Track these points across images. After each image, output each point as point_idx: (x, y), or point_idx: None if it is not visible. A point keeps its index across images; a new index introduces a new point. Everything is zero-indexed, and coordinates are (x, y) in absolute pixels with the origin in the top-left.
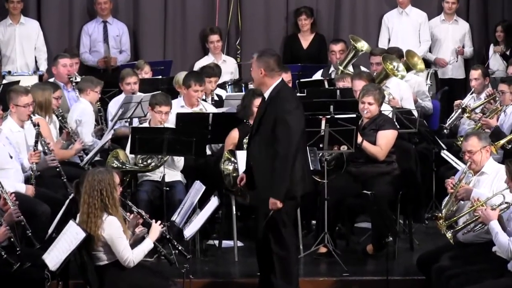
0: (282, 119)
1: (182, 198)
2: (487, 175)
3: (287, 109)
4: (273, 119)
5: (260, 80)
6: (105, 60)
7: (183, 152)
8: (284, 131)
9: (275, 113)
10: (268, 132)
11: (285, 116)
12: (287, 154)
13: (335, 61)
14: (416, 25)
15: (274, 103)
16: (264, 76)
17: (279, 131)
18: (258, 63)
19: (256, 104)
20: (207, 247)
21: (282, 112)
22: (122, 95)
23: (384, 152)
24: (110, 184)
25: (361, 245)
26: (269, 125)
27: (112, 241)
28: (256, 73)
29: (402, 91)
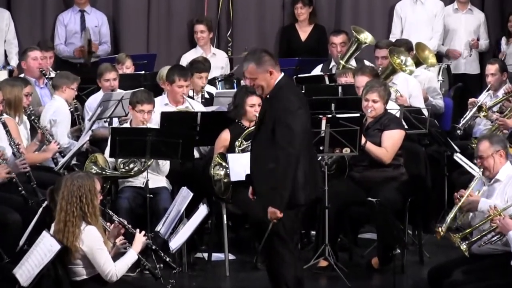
0: (282, 120)
1: (167, 206)
2: (500, 182)
3: (287, 109)
4: (273, 119)
5: (270, 84)
6: (82, 49)
7: (169, 155)
8: (284, 133)
9: (275, 112)
10: (268, 134)
11: (285, 116)
12: (288, 158)
13: (336, 55)
14: (431, 16)
15: (275, 101)
16: (274, 76)
17: (278, 133)
18: (263, 66)
19: (249, 103)
20: (195, 260)
21: (282, 112)
22: (100, 92)
23: (390, 155)
24: (91, 191)
25: (366, 258)
26: (270, 126)
27: (92, 254)
28: (265, 78)
29: (410, 88)
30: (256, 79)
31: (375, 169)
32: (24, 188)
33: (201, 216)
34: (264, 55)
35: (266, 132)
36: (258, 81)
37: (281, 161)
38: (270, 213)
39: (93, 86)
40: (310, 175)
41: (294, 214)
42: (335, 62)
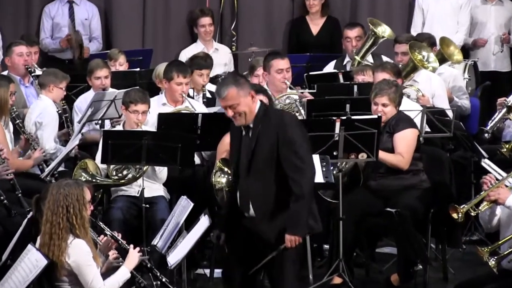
0: (288, 137)
1: (165, 218)
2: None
3: (289, 124)
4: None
5: (252, 110)
6: (68, 38)
7: (166, 161)
8: (295, 150)
9: (275, 131)
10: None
11: (290, 133)
12: (310, 180)
13: (351, 50)
14: (456, 7)
15: (266, 125)
16: (254, 100)
17: (287, 151)
18: (244, 89)
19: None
20: (196, 277)
21: (285, 128)
22: (91, 92)
23: (407, 160)
24: (79, 200)
25: (384, 275)
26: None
27: (79, 269)
28: (247, 102)
29: (434, 87)
30: (238, 105)
31: (392, 177)
32: (7, 197)
33: (202, 228)
34: (240, 78)
35: (264, 162)
36: (240, 107)
37: (300, 184)
38: (289, 241)
39: (83, 85)
40: None
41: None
42: (350, 58)
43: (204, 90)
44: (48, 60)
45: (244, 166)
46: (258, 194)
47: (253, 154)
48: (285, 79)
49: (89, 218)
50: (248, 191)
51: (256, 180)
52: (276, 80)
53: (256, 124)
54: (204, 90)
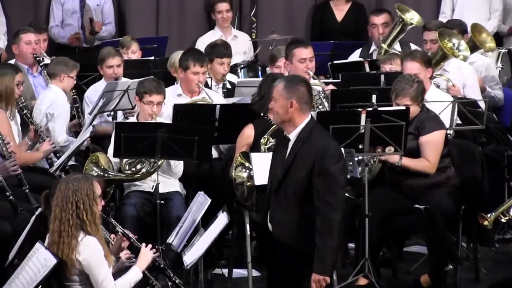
0: (326, 169)
1: (181, 215)
2: None
3: (331, 156)
4: (309, 166)
5: (286, 116)
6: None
7: (182, 155)
8: (330, 184)
9: (313, 159)
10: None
11: (329, 166)
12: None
13: (377, 38)
14: None
15: (309, 146)
16: (295, 110)
17: (320, 184)
18: (290, 93)
19: None
20: (214, 277)
21: (325, 159)
22: (102, 82)
23: (433, 164)
24: (89, 196)
25: (412, 275)
26: (299, 176)
27: (90, 268)
28: (283, 105)
29: (465, 76)
30: (276, 101)
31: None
32: (14, 193)
33: (220, 226)
34: (301, 85)
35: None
36: (275, 105)
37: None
38: (315, 282)
39: (94, 74)
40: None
41: None
42: (376, 46)
43: (224, 80)
44: (57, 48)
45: (275, 182)
46: (278, 218)
47: (286, 175)
48: (308, 69)
49: (101, 214)
50: (272, 210)
51: (279, 202)
52: (298, 70)
53: (296, 143)
54: (224, 80)
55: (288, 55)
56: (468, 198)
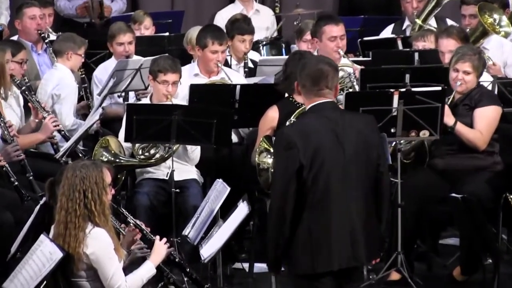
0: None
1: (197, 204)
2: None
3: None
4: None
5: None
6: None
7: (199, 140)
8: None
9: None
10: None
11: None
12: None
13: (411, 12)
14: None
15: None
16: (300, 93)
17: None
18: (298, 76)
19: None
20: (233, 272)
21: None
22: (113, 60)
23: (486, 138)
24: (98, 184)
25: (448, 269)
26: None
27: (98, 262)
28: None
29: (506, 54)
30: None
31: (464, 155)
32: (17, 180)
33: (240, 216)
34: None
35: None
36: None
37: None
38: None
39: (104, 52)
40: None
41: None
42: (410, 22)
43: (246, 59)
44: (64, 23)
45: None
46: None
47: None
48: (338, 47)
49: (110, 204)
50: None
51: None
52: (328, 49)
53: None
54: (246, 58)
55: (317, 32)
56: (509, 186)
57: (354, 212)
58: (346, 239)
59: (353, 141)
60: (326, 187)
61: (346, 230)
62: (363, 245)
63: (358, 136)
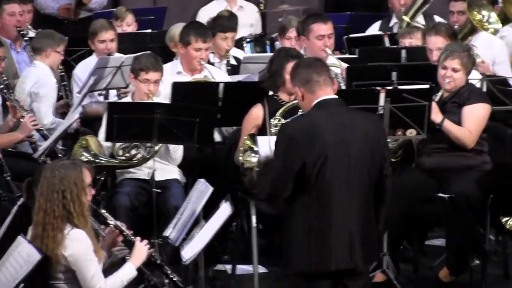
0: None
1: (179, 205)
2: None
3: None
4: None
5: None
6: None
7: (182, 139)
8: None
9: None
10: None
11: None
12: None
13: (399, 9)
14: None
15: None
16: (303, 96)
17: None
18: (293, 80)
19: (289, 70)
20: (216, 274)
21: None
22: (93, 57)
23: (474, 137)
24: (77, 184)
25: (435, 271)
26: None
27: (77, 264)
28: (297, 94)
29: (495, 52)
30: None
31: (452, 154)
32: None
33: (223, 217)
34: (298, 67)
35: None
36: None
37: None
38: None
39: (84, 49)
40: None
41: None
42: (397, 19)
43: (228, 56)
44: (44, 20)
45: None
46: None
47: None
48: (326, 46)
49: (90, 205)
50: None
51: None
52: (315, 47)
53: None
54: (228, 55)
55: (304, 30)
56: (497, 186)
57: (355, 213)
58: (345, 240)
59: (359, 141)
60: (328, 187)
61: (346, 231)
62: (360, 247)
63: (364, 137)
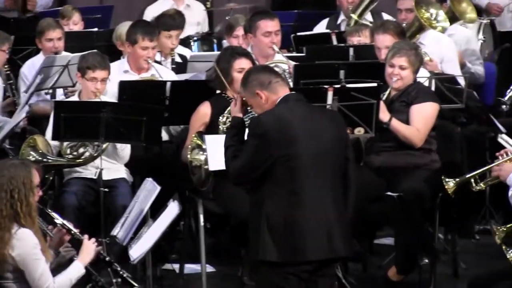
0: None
1: (127, 204)
2: None
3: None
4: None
5: (266, 107)
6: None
7: (129, 138)
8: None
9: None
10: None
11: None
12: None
13: (346, 7)
14: None
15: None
16: (263, 98)
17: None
18: (249, 88)
19: (237, 67)
20: (163, 273)
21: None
22: (40, 56)
23: (422, 135)
24: (26, 184)
25: (384, 270)
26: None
27: (25, 264)
28: (257, 103)
29: (443, 50)
30: (252, 105)
31: (400, 152)
32: None
33: (171, 216)
34: (253, 74)
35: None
36: (254, 108)
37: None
38: None
39: (31, 48)
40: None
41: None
42: (345, 16)
43: (173, 54)
44: None
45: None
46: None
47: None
48: (273, 43)
49: (37, 205)
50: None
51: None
52: (262, 44)
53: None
54: (173, 54)
55: (251, 27)
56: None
57: (330, 203)
58: (322, 231)
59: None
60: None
61: (322, 222)
62: (339, 236)
63: (330, 127)
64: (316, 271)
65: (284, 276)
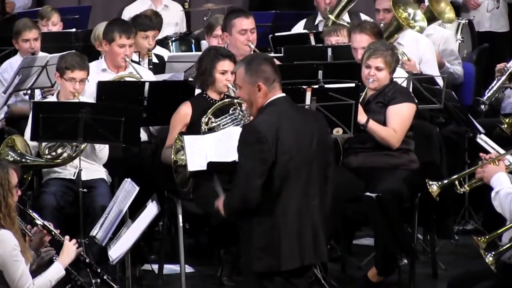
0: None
1: (105, 204)
2: None
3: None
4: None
5: (258, 101)
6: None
7: (107, 138)
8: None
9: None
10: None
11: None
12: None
13: (324, 7)
14: None
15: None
16: (261, 93)
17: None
18: (253, 76)
19: (220, 69)
20: (143, 274)
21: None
22: (18, 57)
23: (399, 136)
24: (4, 185)
25: (363, 271)
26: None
27: (4, 265)
28: (250, 91)
29: (421, 50)
30: (240, 88)
31: (378, 153)
32: None
33: (149, 216)
34: (264, 64)
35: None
36: (241, 92)
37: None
38: None
39: (9, 49)
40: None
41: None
42: (323, 17)
43: (150, 55)
44: None
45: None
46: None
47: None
48: (249, 41)
49: (16, 205)
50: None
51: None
52: (238, 43)
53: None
54: (150, 54)
55: (227, 26)
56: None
57: (316, 209)
58: (309, 236)
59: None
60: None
61: (309, 227)
62: (323, 241)
63: (317, 130)
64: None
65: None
